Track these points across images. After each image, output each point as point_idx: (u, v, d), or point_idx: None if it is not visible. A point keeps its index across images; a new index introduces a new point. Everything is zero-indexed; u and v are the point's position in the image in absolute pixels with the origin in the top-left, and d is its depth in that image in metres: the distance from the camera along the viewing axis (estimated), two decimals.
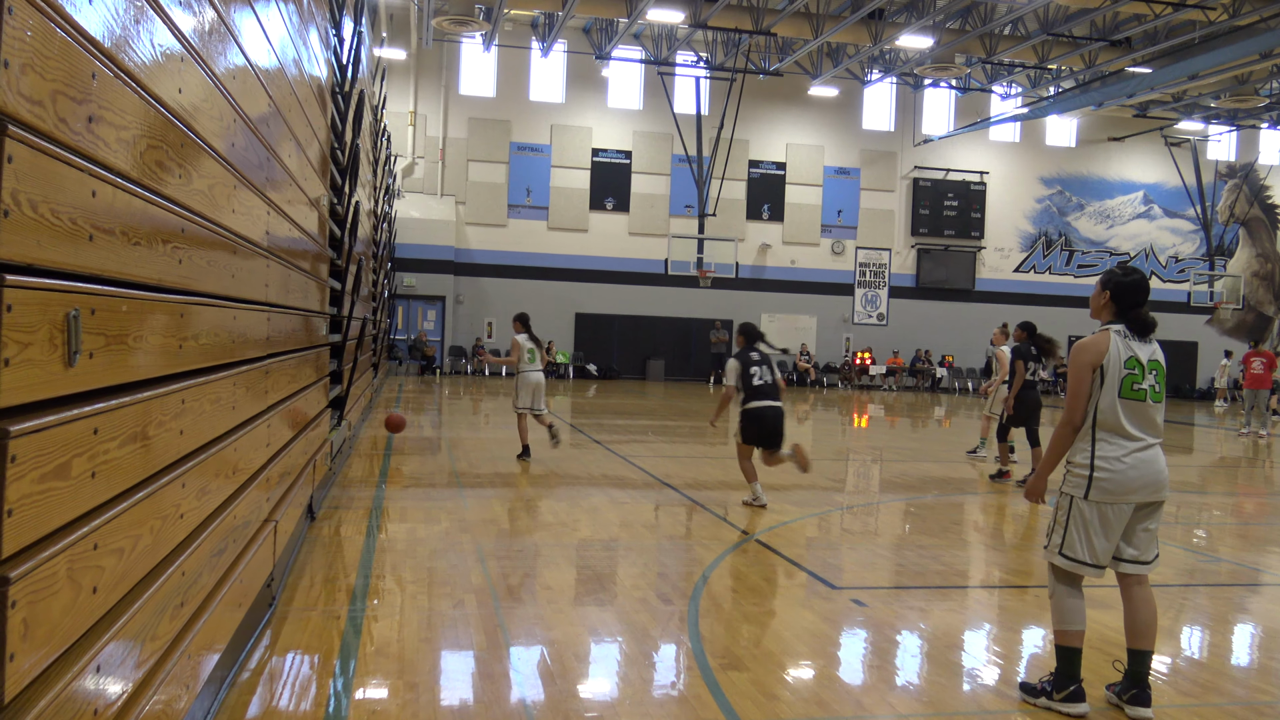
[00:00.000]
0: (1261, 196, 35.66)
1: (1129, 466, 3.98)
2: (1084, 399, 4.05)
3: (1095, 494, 4.00)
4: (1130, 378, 4.02)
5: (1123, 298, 4.13)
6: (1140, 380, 4.03)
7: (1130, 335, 4.08)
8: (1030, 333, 10.45)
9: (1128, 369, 4.02)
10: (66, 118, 1.98)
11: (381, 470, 9.92)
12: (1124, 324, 4.12)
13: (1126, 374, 4.01)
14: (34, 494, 1.88)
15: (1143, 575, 4.10)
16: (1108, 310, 4.18)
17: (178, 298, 2.92)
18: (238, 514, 3.89)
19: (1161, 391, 4.09)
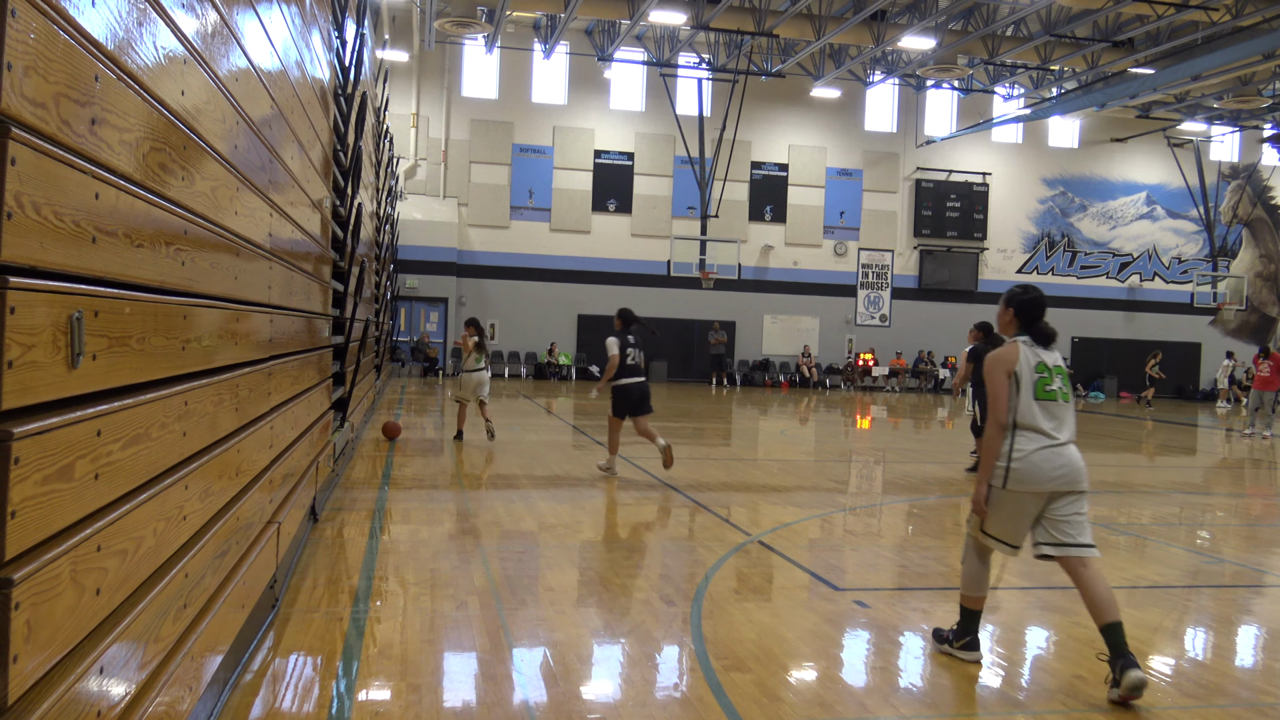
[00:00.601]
0: (1264, 197, 35.61)
1: (1042, 459, 4.43)
2: (1005, 402, 4.51)
3: (1011, 484, 4.46)
4: (1042, 380, 4.51)
5: (1024, 313, 4.64)
6: (1050, 383, 4.53)
7: (1035, 345, 4.59)
8: (987, 333, 10.58)
9: (1038, 373, 4.52)
10: (69, 120, 1.98)
11: (384, 472, 9.93)
12: (1029, 335, 4.62)
13: (1038, 378, 4.51)
14: (37, 496, 1.88)
15: (1086, 558, 4.40)
16: (1013, 325, 4.69)
17: (180, 300, 2.92)
18: (241, 516, 3.89)
19: (1068, 393, 4.60)
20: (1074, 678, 4.46)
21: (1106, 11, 23.16)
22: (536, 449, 12.26)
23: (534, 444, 12.80)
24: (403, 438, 12.73)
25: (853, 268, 32.16)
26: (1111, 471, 12.75)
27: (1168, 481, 11.81)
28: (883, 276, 32.47)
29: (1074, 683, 4.39)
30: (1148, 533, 8.39)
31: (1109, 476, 12.12)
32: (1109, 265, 34.24)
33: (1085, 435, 18.39)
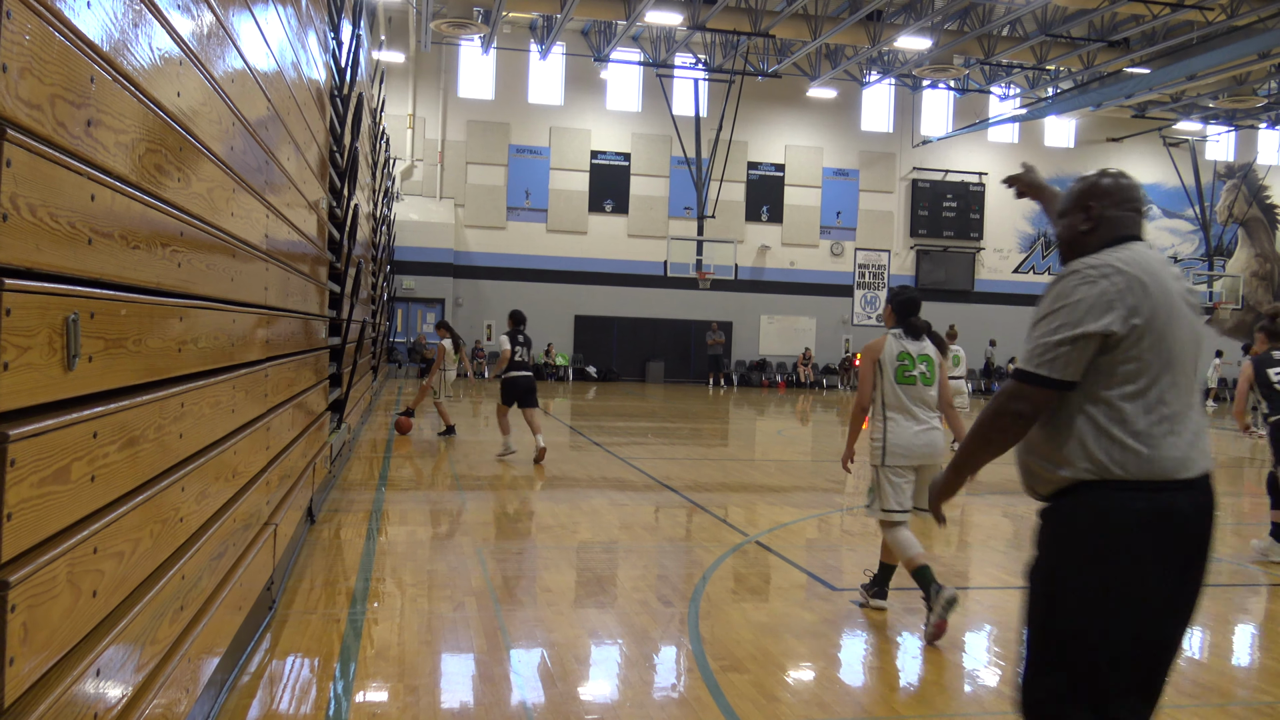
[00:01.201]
0: (1260, 196, 35.68)
1: (909, 438, 5.17)
2: (869, 386, 5.29)
3: (888, 459, 5.19)
4: (902, 368, 5.21)
5: (900, 311, 5.35)
6: (911, 369, 5.21)
7: (904, 337, 5.29)
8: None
9: (899, 361, 5.22)
10: (65, 122, 1.98)
11: (381, 473, 9.92)
12: (901, 329, 5.31)
13: (898, 365, 5.21)
14: (33, 498, 1.88)
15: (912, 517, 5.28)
16: (891, 319, 5.40)
17: (177, 301, 2.92)
18: (237, 517, 3.89)
19: (932, 377, 5.25)
20: None
21: (1102, 11, 23.20)
22: (533, 449, 12.26)
23: (531, 444, 12.80)
24: (398, 438, 12.73)
25: (849, 268, 32.19)
26: None
27: None
28: (879, 276, 32.49)
29: None
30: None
31: None
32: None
33: None
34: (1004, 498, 9.93)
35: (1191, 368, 2.46)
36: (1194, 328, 2.49)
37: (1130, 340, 2.38)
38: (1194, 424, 2.43)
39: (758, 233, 31.34)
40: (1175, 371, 2.42)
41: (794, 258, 31.65)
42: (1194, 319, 2.50)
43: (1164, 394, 2.39)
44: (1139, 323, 2.37)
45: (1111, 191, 2.60)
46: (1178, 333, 2.42)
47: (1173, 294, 2.45)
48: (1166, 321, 2.41)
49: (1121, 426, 2.38)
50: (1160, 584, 2.37)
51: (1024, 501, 9.65)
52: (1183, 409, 2.41)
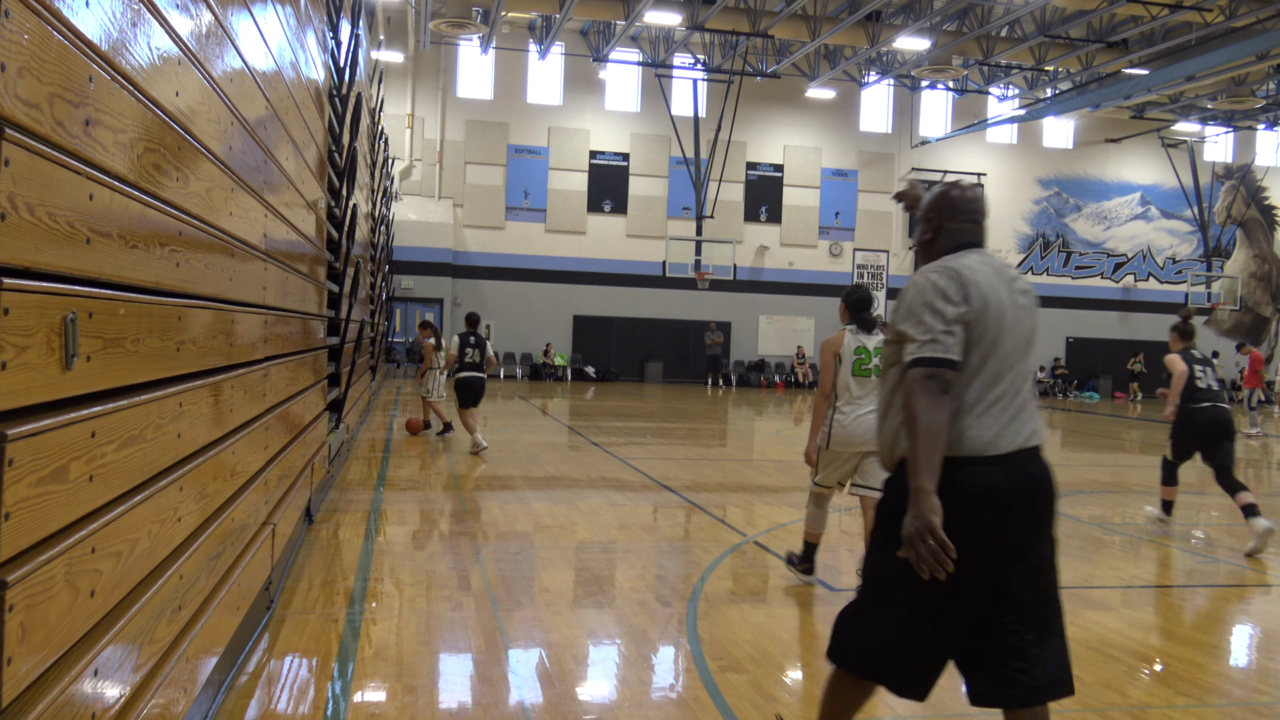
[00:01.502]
0: (1258, 197, 35.71)
1: (856, 426, 5.60)
2: (830, 376, 5.72)
3: (833, 445, 5.69)
4: (859, 361, 5.66)
5: (853, 308, 5.82)
6: (867, 362, 5.65)
7: (859, 331, 5.74)
8: None
9: (856, 355, 5.67)
10: (64, 121, 1.98)
11: (380, 473, 9.92)
12: (855, 324, 5.78)
13: (855, 358, 5.66)
14: (31, 497, 1.88)
15: (875, 497, 5.21)
16: (845, 316, 5.85)
17: (175, 301, 2.92)
18: (236, 517, 3.89)
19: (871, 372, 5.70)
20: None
21: (1101, 12, 23.22)
22: (532, 450, 12.26)
23: (529, 445, 12.80)
24: (397, 439, 12.73)
25: (848, 268, 32.19)
26: (1106, 471, 12.79)
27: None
28: (878, 277, 32.50)
29: None
30: (1143, 532, 8.40)
31: (1103, 476, 12.15)
32: (1103, 266, 34.32)
33: (1080, 435, 18.44)
34: None
35: (1018, 360, 2.80)
36: (1023, 325, 2.83)
37: (973, 329, 2.75)
38: (1017, 408, 2.77)
39: (756, 233, 31.34)
40: (999, 363, 2.76)
41: (792, 258, 31.66)
42: (1025, 317, 2.85)
43: (985, 384, 2.74)
44: (974, 316, 2.74)
45: (953, 203, 2.98)
46: (1003, 331, 2.77)
47: (1001, 296, 2.80)
48: (995, 319, 2.76)
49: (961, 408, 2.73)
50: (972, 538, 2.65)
51: None
52: (1006, 396, 2.75)
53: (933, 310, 2.72)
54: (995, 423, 2.73)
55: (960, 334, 2.71)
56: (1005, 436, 2.73)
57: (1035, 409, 2.86)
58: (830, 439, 5.70)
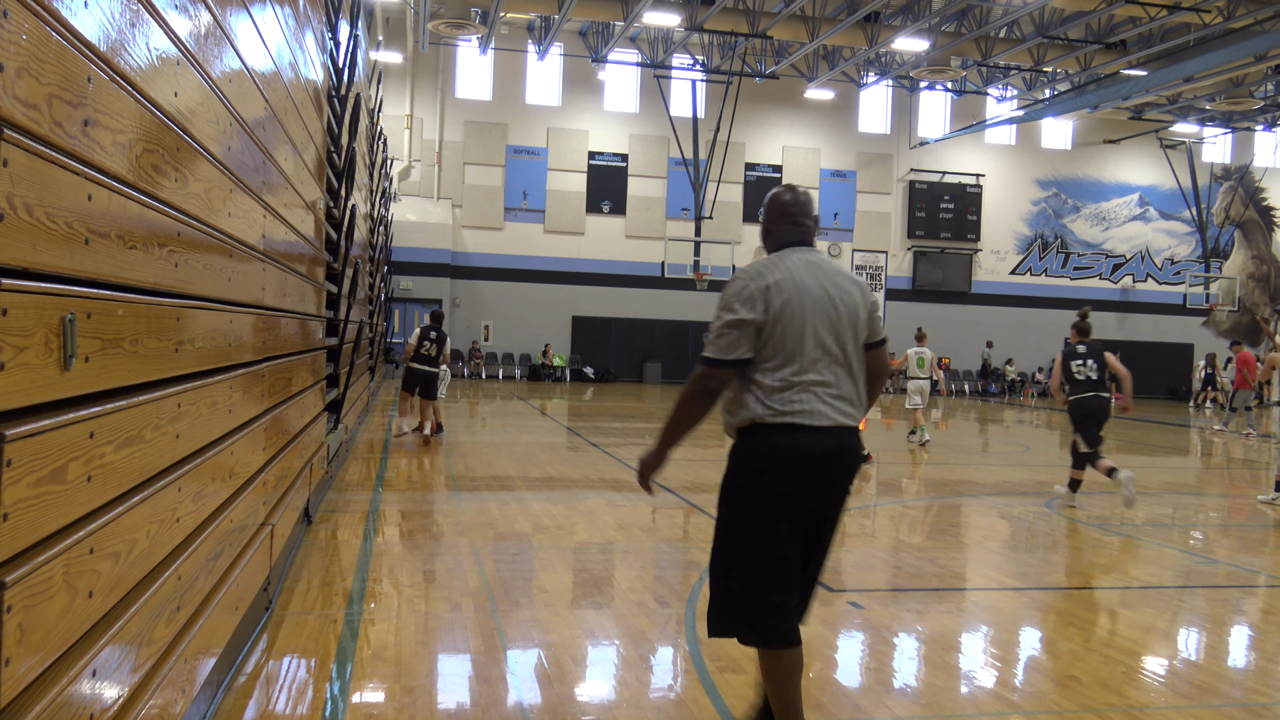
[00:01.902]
0: (1257, 198, 35.74)
1: None
2: None
3: None
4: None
5: None
6: None
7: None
8: None
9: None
10: (62, 121, 1.98)
11: (378, 473, 9.92)
12: None
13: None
14: (30, 498, 1.88)
15: None
16: None
17: (174, 301, 2.92)
18: (234, 517, 3.88)
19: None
20: (1068, 678, 4.47)
21: (1099, 13, 23.24)
22: (530, 450, 12.26)
23: (528, 445, 12.80)
24: (396, 440, 12.74)
25: (847, 269, 32.19)
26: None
27: (1160, 482, 11.84)
28: (876, 278, 32.51)
29: (1068, 683, 4.40)
30: (1141, 533, 8.41)
31: (1101, 477, 12.14)
32: (1102, 266, 34.34)
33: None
34: (1001, 499, 9.94)
35: (831, 346, 3.19)
36: (838, 315, 3.21)
37: (768, 326, 3.14)
38: (832, 390, 3.18)
39: (755, 234, 31.30)
40: (809, 349, 3.15)
41: None
42: (844, 311, 3.22)
43: (797, 367, 3.14)
44: (771, 314, 3.13)
45: (779, 207, 3.41)
46: (809, 320, 3.16)
47: (810, 290, 3.19)
48: (798, 312, 3.15)
49: (759, 387, 3.16)
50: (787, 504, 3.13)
51: (1020, 503, 9.67)
52: (816, 378, 3.16)
53: (730, 311, 3.16)
54: (816, 400, 3.14)
55: (746, 336, 3.14)
56: (814, 411, 3.14)
57: (858, 387, 3.27)
58: None
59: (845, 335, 3.21)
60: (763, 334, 3.14)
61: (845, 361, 3.22)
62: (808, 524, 3.20)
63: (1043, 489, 10.78)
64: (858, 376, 3.28)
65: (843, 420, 3.18)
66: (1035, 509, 9.38)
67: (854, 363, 3.24)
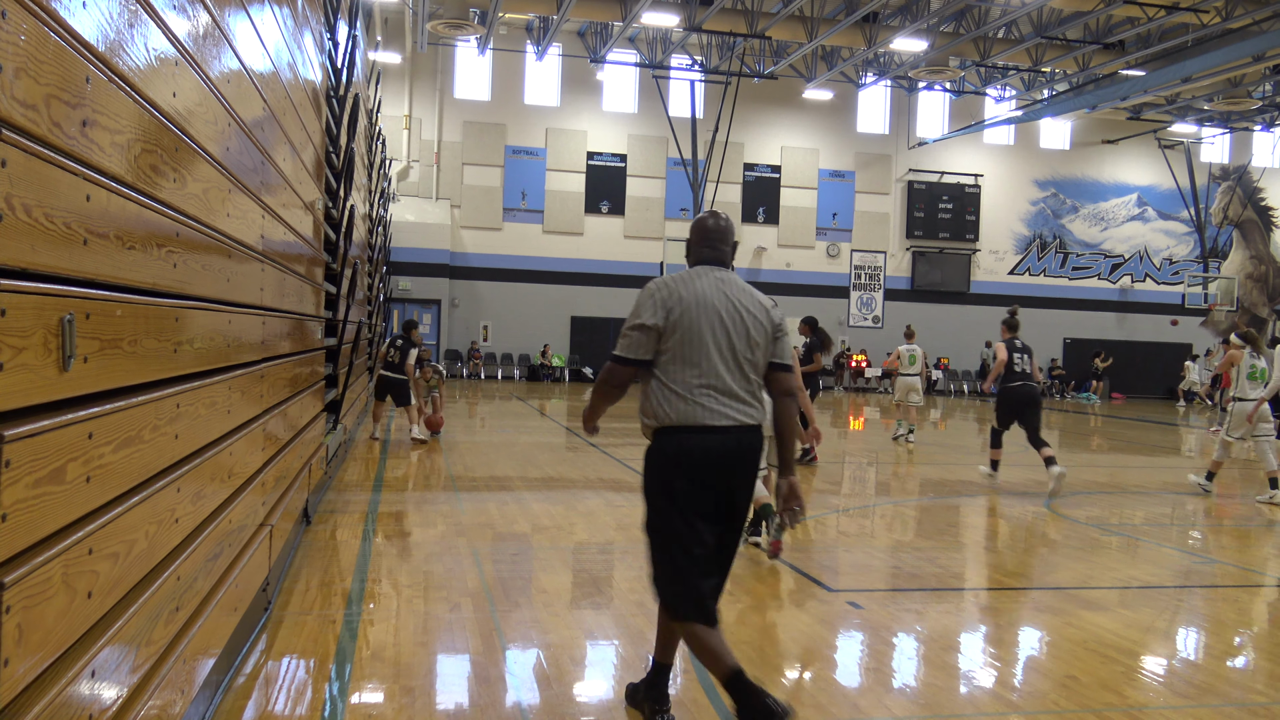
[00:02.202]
0: (1255, 198, 35.76)
1: None
2: None
3: None
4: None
5: None
6: None
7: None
8: (813, 327, 11.81)
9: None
10: (61, 122, 1.98)
11: (377, 474, 9.91)
12: None
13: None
14: (28, 499, 1.88)
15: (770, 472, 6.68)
16: None
17: (172, 302, 2.92)
18: (233, 518, 3.88)
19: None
20: (1067, 678, 4.47)
21: (1097, 14, 23.25)
22: (529, 451, 12.26)
23: (527, 446, 12.80)
24: (394, 440, 12.74)
25: (845, 269, 32.22)
26: (1103, 473, 12.80)
27: (1159, 482, 11.85)
28: (875, 278, 32.53)
29: (1067, 683, 4.41)
30: (1140, 533, 8.41)
31: (1100, 477, 12.16)
32: (1100, 267, 34.36)
33: (1077, 436, 18.46)
34: (1000, 499, 9.94)
35: (726, 354, 3.51)
36: (738, 330, 3.53)
37: (666, 332, 3.49)
38: (730, 394, 3.50)
39: (754, 234, 31.36)
40: (706, 356, 3.49)
41: (790, 259, 31.67)
42: (742, 324, 3.54)
43: (698, 373, 3.48)
44: (671, 321, 3.48)
45: (702, 231, 3.77)
46: (708, 330, 3.50)
47: (712, 303, 3.52)
48: (696, 322, 3.49)
49: (666, 391, 3.51)
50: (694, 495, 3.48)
51: (1019, 504, 9.67)
52: (713, 382, 3.48)
53: (637, 316, 3.55)
54: (697, 401, 3.48)
55: (648, 339, 3.52)
56: (709, 413, 3.47)
57: (755, 392, 3.60)
58: None
59: (742, 347, 3.54)
60: (663, 339, 3.50)
61: (743, 371, 3.55)
62: (719, 515, 3.53)
63: (1042, 489, 10.78)
64: (755, 383, 3.61)
65: (742, 420, 3.51)
66: (1034, 509, 9.39)
67: (750, 373, 3.57)
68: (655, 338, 3.51)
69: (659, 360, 3.53)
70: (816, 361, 11.76)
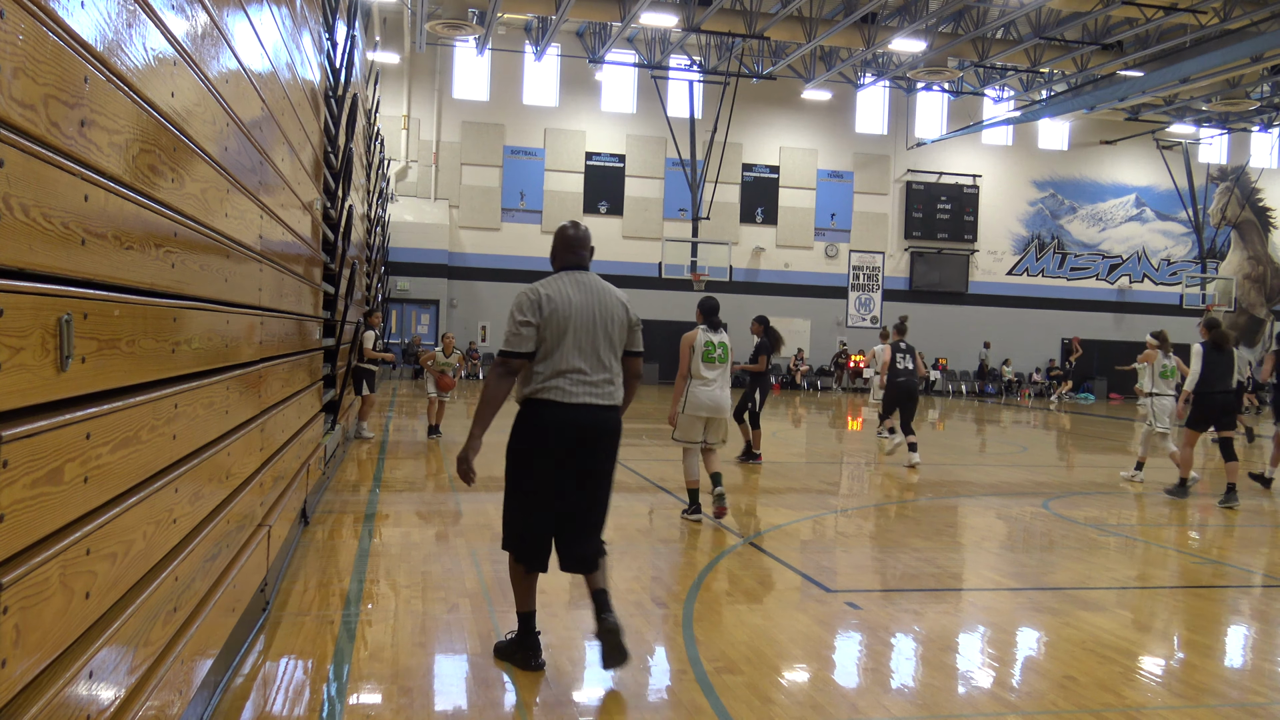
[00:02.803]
0: (1253, 199, 35.80)
1: (704, 396, 7.81)
2: (687, 362, 7.84)
3: (687, 409, 7.81)
4: (707, 351, 7.85)
5: (705, 314, 8.03)
6: (713, 352, 7.87)
7: (709, 330, 7.93)
8: (765, 327, 11.91)
9: (705, 347, 7.86)
10: (59, 122, 1.98)
11: (375, 474, 9.91)
12: (706, 325, 7.97)
13: (704, 349, 7.85)
14: (26, 499, 1.87)
15: (714, 448, 7.97)
16: (699, 319, 8.05)
17: (170, 302, 2.91)
18: (231, 519, 3.88)
19: (725, 357, 7.93)
20: (1065, 678, 4.47)
21: (1096, 14, 23.27)
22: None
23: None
24: (393, 440, 12.72)
25: (844, 270, 32.23)
26: (1101, 473, 12.80)
27: (1155, 482, 11.86)
28: (873, 278, 32.54)
29: (1065, 683, 4.41)
30: (1137, 534, 8.42)
31: (1098, 478, 12.17)
32: (1099, 267, 34.38)
33: (1076, 437, 18.47)
34: (998, 499, 9.94)
35: (586, 345, 4.20)
36: (596, 323, 4.23)
37: (541, 327, 4.16)
38: (587, 376, 4.19)
39: (752, 234, 31.36)
40: (569, 347, 4.17)
41: (788, 260, 31.67)
42: (599, 319, 4.25)
43: (561, 358, 4.16)
44: (543, 318, 4.16)
45: (564, 239, 4.44)
46: (573, 326, 4.18)
47: (577, 304, 4.22)
48: (564, 319, 4.17)
49: (536, 375, 4.19)
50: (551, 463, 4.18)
51: (1016, 503, 9.67)
52: (571, 367, 4.17)
53: (521, 315, 4.17)
54: (565, 383, 4.15)
55: (530, 333, 4.15)
56: (574, 393, 4.15)
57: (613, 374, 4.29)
58: (685, 405, 7.81)
59: (599, 338, 4.22)
60: (540, 333, 4.16)
61: (599, 357, 4.23)
62: (574, 477, 4.20)
63: (1040, 489, 10.79)
64: (612, 369, 4.29)
65: (593, 400, 4.20)
66: (1032, 509, 9.39)
67: (606, 358, 4.26)
68: (535, 333, 4.15)
69: (536, 349, 4.19)
70: (761, 362, 11.70)
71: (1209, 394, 10.11)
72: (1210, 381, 10.08)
